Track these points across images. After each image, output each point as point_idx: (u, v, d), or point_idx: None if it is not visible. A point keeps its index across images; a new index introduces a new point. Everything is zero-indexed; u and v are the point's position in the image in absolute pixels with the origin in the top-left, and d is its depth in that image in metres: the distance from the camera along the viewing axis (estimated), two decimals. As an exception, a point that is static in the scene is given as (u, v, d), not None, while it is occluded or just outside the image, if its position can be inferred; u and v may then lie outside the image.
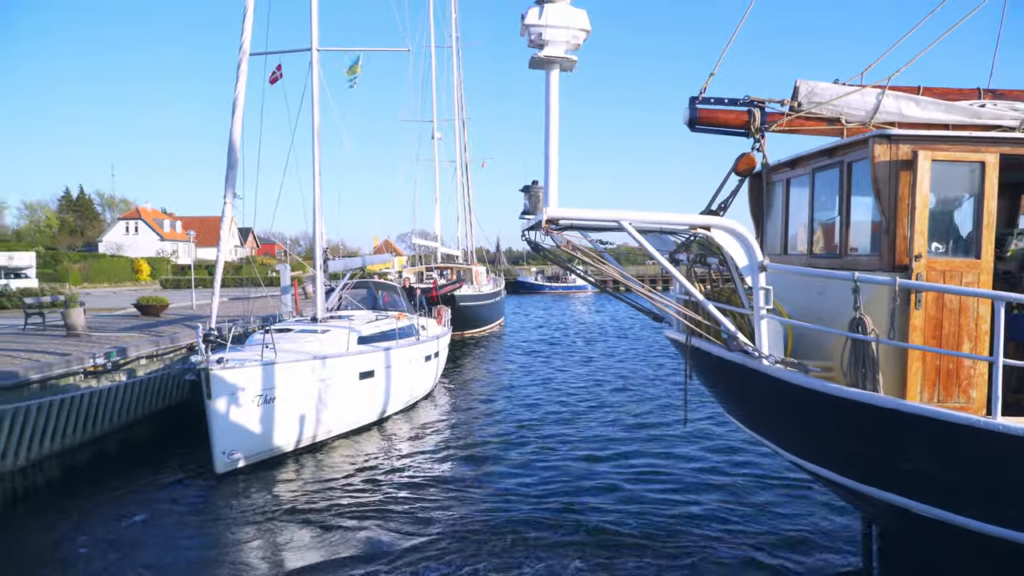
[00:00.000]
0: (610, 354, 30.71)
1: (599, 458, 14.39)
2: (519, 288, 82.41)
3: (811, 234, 8.05)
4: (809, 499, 11.71)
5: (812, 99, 7.75)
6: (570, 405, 19.69)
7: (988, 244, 6.40)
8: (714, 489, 12.40)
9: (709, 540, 10.24)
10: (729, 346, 7.01)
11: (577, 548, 10.01)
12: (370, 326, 18.07)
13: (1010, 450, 5.51)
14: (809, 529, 10.53)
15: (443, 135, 47.39)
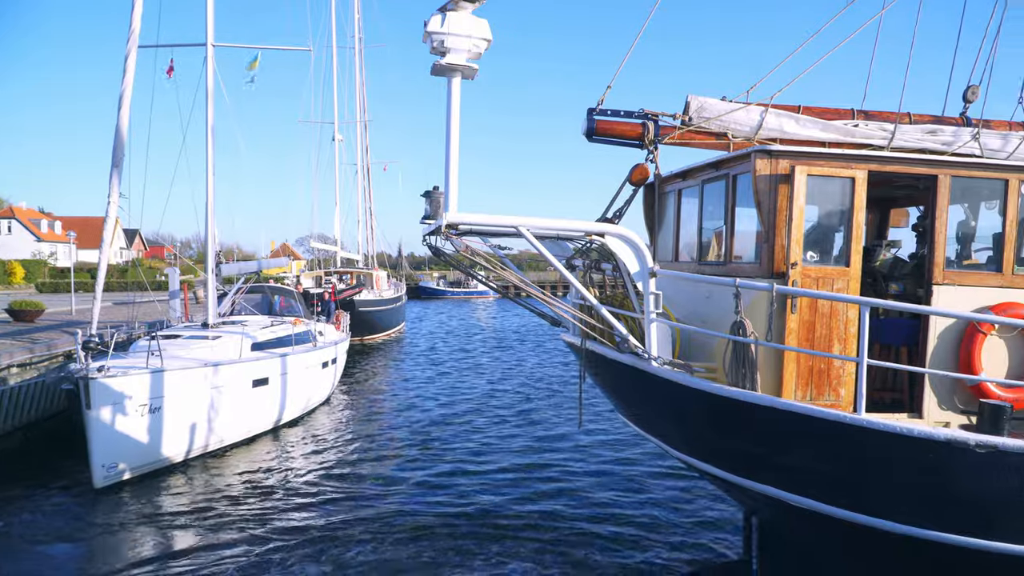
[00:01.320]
0: (510, 358, 31.01)
1: (496, 459, 14.56)
2: (421, 293, 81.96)
3: (700, 242, 8.46)
4: (695, 495, 12.23)
5: (702, 114, 8.14)
6: (469, 410, 19.81)
7: (856, 254, 6.92)
8: (604, 486, 12.77)
9: (597, 534, 10.55)
10: (620, 348, 7.29)
11: (474, 545, 10.13)
12: (265, 332, 17.67)
13: (873, 444, 5.98)
14: (694, 523, 11.00)
15: (344, 138, 46.75)
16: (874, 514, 6.28)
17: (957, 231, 7.82)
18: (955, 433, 5.95)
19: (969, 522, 6.08)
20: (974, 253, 7.71)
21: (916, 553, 6.38)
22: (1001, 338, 6.91)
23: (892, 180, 7.44)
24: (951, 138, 7.74)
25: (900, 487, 6.20)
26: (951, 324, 6.90)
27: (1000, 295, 7.02)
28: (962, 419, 6.84)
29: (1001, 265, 7.12)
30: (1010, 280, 7.07)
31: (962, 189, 7.28)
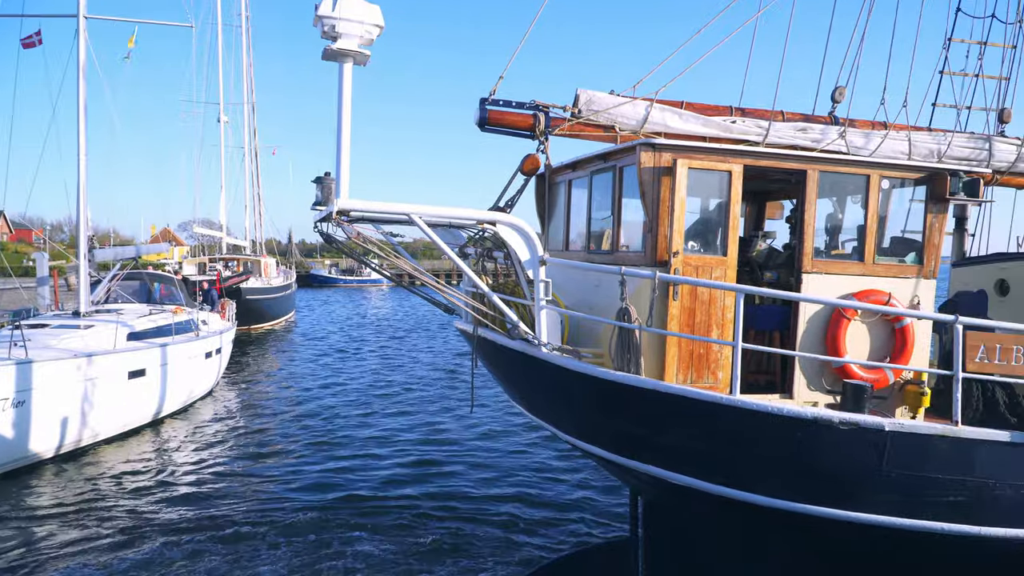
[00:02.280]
0: (402, 347, 30.83)
1: (385, 448, 14.51)
2: (312, 281, 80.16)
3: (589, 231, 8.68)
4: (583, 476, 12.58)
5: (591, 107, 8.32)
6: (359, 399, 19.61)
7: (733, 244, 7.28)
8: (493, 470, 12.98)
9: (487, 517, 10.72)
10: (511, 335, 7.41)
11: (364, 535, 10.08)
12: (143, 321, 16.91)
13: (747, 423, 6.34)
14: (583, 503, 11.33)
15: (230, 119, 45.04)
16: (749, 489, 6.66)
17: (826, 223, 8.34)
18: (821, 412, 6.39)
19: (834, 494, 6.55)
20: (841, 244, 8.24)
21: (788, 525, 6.82)
22: (863, 323, 7.42)
23: (767, 174, 7.85)
24: (819, 136, 8.22)
25: (772, 463, 6.60)
26: (819, 310, 7.36)
27: (863, 283, 7.54)
28: (828, 399, 7.32)
29: (863, 255, 7.64)
30: (871, 269, 7.61)
31: (829, 184, 7.76)
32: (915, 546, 6.65)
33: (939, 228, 7.74)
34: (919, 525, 6.49)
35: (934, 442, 6.35)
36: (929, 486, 6.43)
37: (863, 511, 6.51)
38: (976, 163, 8.55)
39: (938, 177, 7.60)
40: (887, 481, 6.40)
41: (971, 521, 6.47)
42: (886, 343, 7.46)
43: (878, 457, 6.31)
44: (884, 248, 7.88)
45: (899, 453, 6.31)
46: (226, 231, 44.89)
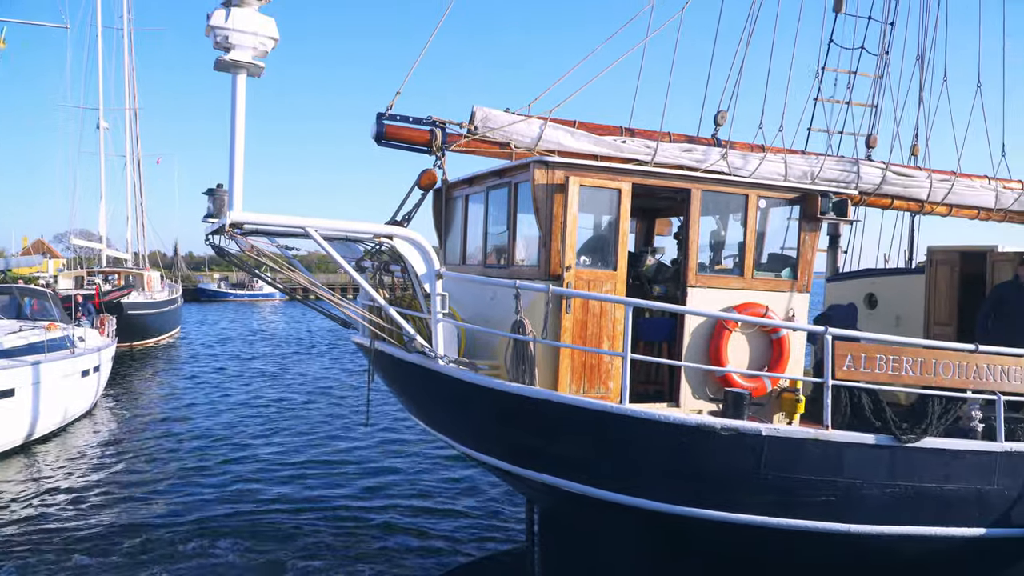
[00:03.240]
0: (296, 362, 30.16)
1: (279, 465, 14.18)
2: (200, 295, 77.13)
3: (485, 245, 8.83)
4: (480, 487, 12.68)
5: (486, 124, 8.47)
6: (250, 417, 19.05)
7: (622, 259, 7.57)
8: (391, 483, 12.92)
9: (385, 529, 10.67)
10: (408, 348, 7.45)
11: (256, 555, 9.84)
12: (12, 338, 15.94)
13: (636, 431, 6.60)
14: (479, 514, 11.42)
15: (111, 125, 43.05)
16: (639, 495, 6.92)
17: (710, 239, 8.77)
18: (704, 419, 6.72)
19: (717, 497, 6.88)
20: (724, 259, 8.69)
21: (676, 529, 7.11)
22: (743, 334, 7.85)
23: (655, 192, 8.20)
24: (703, 156, 8.66)
25: (660, 469, 6.88)
26: (702, 322, 7.73)
27: (743, 296, 7.97)
28: (712, 406, 7.68)
29: (743, 270, 8.09)
30: (750, 283, 8.06)
31: (712, 202, 8.18)
32: (791, 545, 7.06)
33: (812, 245, 8.28)
34: (794, 524, 6.90)
35: (807, 446, 6.78)
36: (803, 487, 6.85)
37: (743, 512, 6.87)
38: (845, 185, 9.19)
39: (810, 197, 8.14)
40: (764, 483, 6.78)
41: (841, 519, 6.92)
42: (764, 353, 7.90)
43: (756, 461, 6.69)
44: (762, 264, 8.36)
45: (775, 457, 6.71)
46: (106, 243, 42.82)
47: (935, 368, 7.21)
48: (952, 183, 9.81)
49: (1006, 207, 10.08)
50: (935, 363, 7.23)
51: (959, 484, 7.11)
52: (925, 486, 7.02)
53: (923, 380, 7.23)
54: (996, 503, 7.19)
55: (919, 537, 7.09)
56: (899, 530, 7.03)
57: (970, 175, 10.25)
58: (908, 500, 7.00)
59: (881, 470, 6.93)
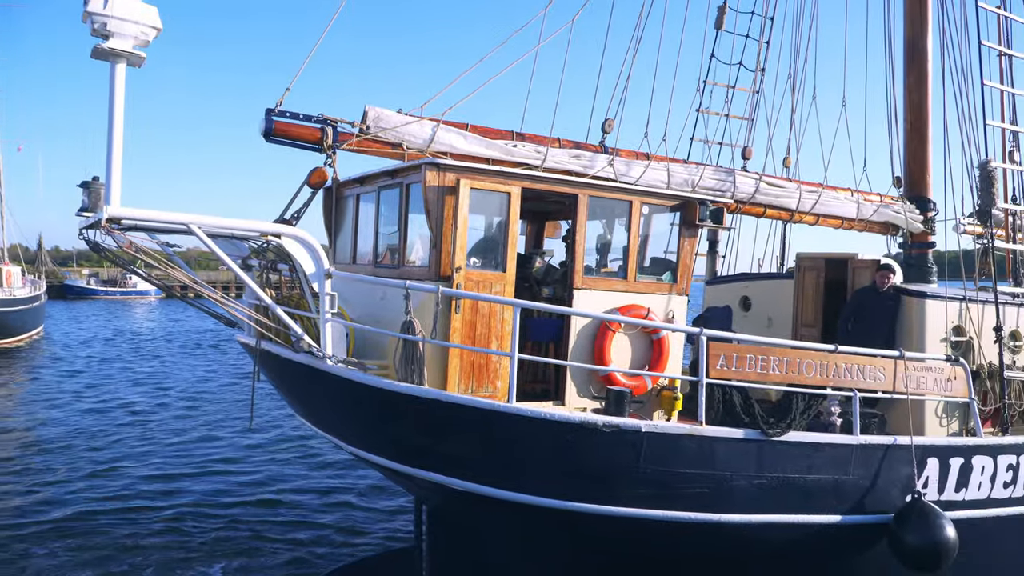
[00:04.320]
0: (173, 362, 28.98)
1: (158, 467, 13.66)
2: (67, 293, 72.70)
3: (376, 245, 8.82)
4: (368, 487, 12.62)
5: (379, 124, 8.44)
6: (120, 420, 18.19)
7: (511, 260, 7.75)
8: (276, 484, 12.73)
9: (269, 530, 10.48)
10: (296, 348, 7.37)
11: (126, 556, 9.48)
12: None
13: (522, 429, 6.78)
14: (367, 514, 11.39)
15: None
16: (527, 491, 7.10)
17: (597, 243, 9.07)
18: (587, 416, 6.97)
19: (599, 491, 7.15)
20: (610, 262, 9.00)
21: (562, 523, 7.34)
22: (626, 335, 8.16)
23: (545, 196, 8.42)
24: (590, 162, 8.92)
25: (547, 465, 7.08)
26: (588, 323, 7.99)
27: (626, 298, 8.29)
28: (596, 404, 7.95)
29: (627, 273, 8.41)
30: (633, 286, 8.39)
31: (599, 207, 8.47)
32: (668, 536, 7.41)
33: (691, 250, 8.70)
34: (671, 516, 7.25)
35: (683, 441, 7.14)
36: (679, 480, 7.21)
37: (624, 505, 7.16)
38: (722, 193, 9.67)
39: (690, 205, 8.55)
40: (643, 477, 7.10)
41: (714, 510, 7.32)
42: (645, 353, 8.25)
43: (636, 456, 6.99)
44: (645, 267, 8.72)
45: (653, 452, 7.03)
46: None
47: (799, 367, 7.73)
48: (819, 195, 10.49)
49: (866, 218, 10.85)
50: (799, 362, 7.76)
51: (819, 475, 7.65)
52: (789, 477, 7.52)
53: (788, 378, 7.74)
54: (851, 492, 7.77)
55: (784, 525, 7.58)
56: (766, 519, 7.49)
57: (835, 187, 10.98)
58: (774, 490, 7.48)
59: (750, 463, 7.37)
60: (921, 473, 7.97)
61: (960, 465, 8.26)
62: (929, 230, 11.13)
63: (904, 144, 11.29)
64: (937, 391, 8.51)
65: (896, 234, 11.28)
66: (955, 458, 8.24)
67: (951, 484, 8.22)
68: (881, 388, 8.12)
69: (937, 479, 8.14)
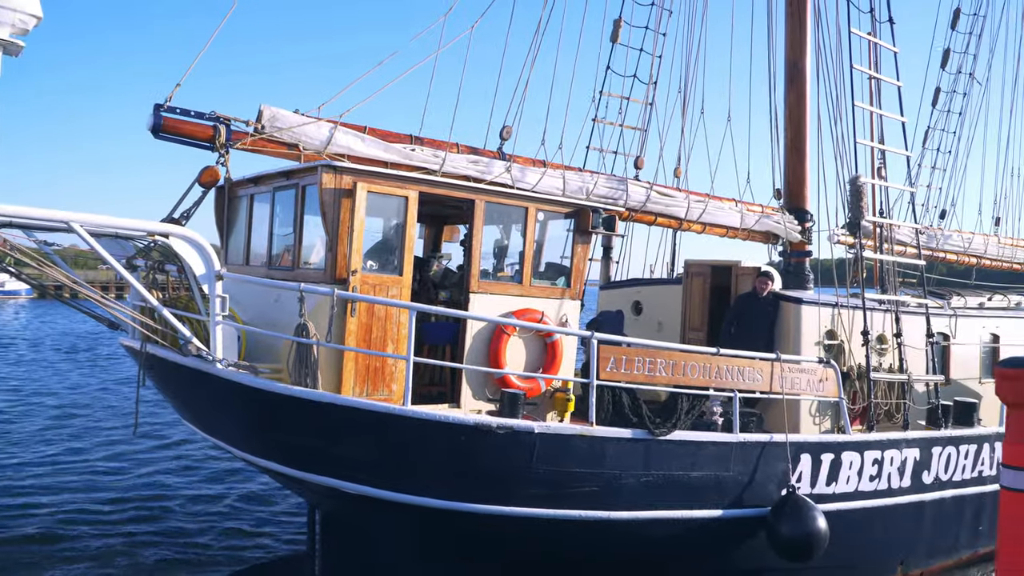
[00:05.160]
0: (47, 368, 27.42)
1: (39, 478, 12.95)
2: (-88, 293, 67.39)
3: (270, 247, 8.68)
4: (260, 494, 12.36)
5: (274, 124, 8.31)
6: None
7: (408, 264, 7.79)
8: (165, 491, 12.30)
9: (158, 539, 10.14)
10: (184, 351, 7.19)
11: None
12: None
13: (417, 431, 6.84)
14: (259, 521, 11.15)
15: None
16: (422, 494, 7.16)
17: (493, 248, 9.21)
18: (481, 418, 7.10)
19: (494, 492, 7.28)
20: (506, 267, 9.16)
21: (458, 525, 7.43)
22: (520, 338, 8.33)
23: (443, 200, 8.50)
24: (487, 168, 9.07)
25: (442, 467, 7.16)
26: (483, 326, 8.11)
27: (521, 302, 8.45)
28: (491, 407, 8.08)
29: (522, 278, 8.58)
30: (528, 290, 8.57)
31: (496, 212, 8.61)
32: (561, 534, 7.61)
33: (584, 256, 8.96)
34: (563, 514, 7.46)
35: (574, 441, 7.37)
36: (570, 479, 7.43)
37: (518, 505, 7.32)
38: (615, 201, 10.00)
39: (583, 212, 8.81)
40: (536, 477, 7.28)
41: (603, 507, 7.58)
42: (539, 356, 8.44)
43: (529, 456, 7.16)
44: (540, 272, 8.92)
45: (546, 452, 7.22)
46: None
47: (684, 369, 8.10)
48: (706, 204, 10.98)
49: (749, 227, 11.42)
50: (684, 364, 8.12)
51: (702, 471, 8.03)
52: (674, 474, 7.86)
53: (674, 380, 8.10)
54: (732, 487, 8.19)
55: (669, 520, 7.92)
56: (653, 515, 7.81)
57: (721, 198, 11.52)
58: (660, 487, 7.81)
59: (638, 461, 7.66)
60: (795, 468, 8.46)
61: (831, 460, 8.82)
62: (806, 240, 11.83)
63: (784, 159, 11.96)
64: (810, 391, 9.06)
65: (776, 243, 11.92)
66: (826, 454, 8.79)
67: (822, 478, 8.77)
68: (759, 389, 8.59)
69: (810, 474, 8.66)
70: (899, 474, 9.40)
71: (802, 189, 11.82)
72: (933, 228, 15.25)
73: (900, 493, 9.46)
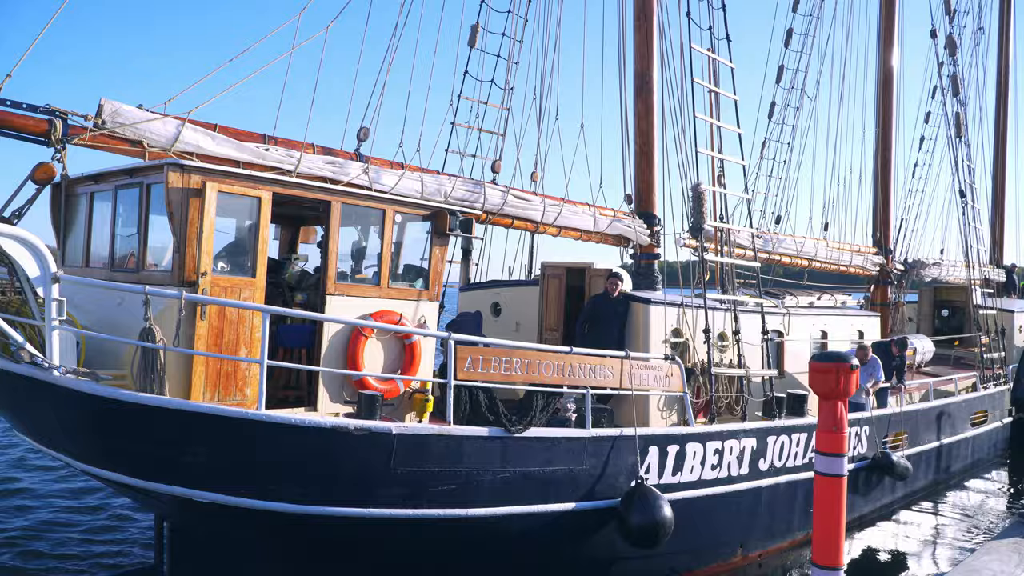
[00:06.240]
0: None
1: None
2: None
3: (113, 248, 8.27)
4: (103, 506, 11.72)
5: (116, 119, 7.91)
6: None
7: (262, 266, 7.64)
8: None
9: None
10: (17, 359, 6.74)
11: None
12: None
13: (272, 436, 6.74)
14: (103, 535, 10.58)
15: None
16: (278, 499, 7.04)
17: (352, 250, 9.17)
18: (339, 420, 7.08)
19: (353, 494, 7.27)
20: (365, 269, 9.14)
21: (316, 529, 7.36)
22: (379, 340, 8.34)
23: (300, 201, 8.39)
24: (344, 170, 9.01)
25: (298, 471, 7.08)
26: (341, 328, 8.06)
27: (379, 304, 8.46)
28: (348, 409, 8.05)
29: (380, 279, 8.60)
30: (386, 292, 8.59)
31: (353, 214, 8.59)
32: (420, 533, 7.70)
33: (442, 258, 9.08)
34: (422, 514, 7.55)
35: (432, 441, 7.48)
36: (429, 479, 7.53)
37: (377, 507, 7.35)
38: (471, 204, 10.18)
39: (440, 215, 8.93)
40: (395, 478, 7.34)
41: (462, 505, 7.73)
42: (398, 357, 8.48)
43: (387, 457, 7.21)
44: (398, 274, 8.97)
45: (404, 453, 7.29)
46: None
47: (539, 368, 8.39)
48: (561, 208, 11.36)
49: (601, 230, 11.90)
50: (539, 363, 8.41)
51: (557, 466, 8.33)
52: (530, 470, 8.12)
53: (529, 378, 8.37)
54: (585, 480, 8.55)
55: (526, 515, 8.18)
56: (510, 510, 8.04)
57: (575, 202, 11.94)
58: (517, 483, 8.05)
59: (495, 459, 7.87)
60: (644, 460, 8.94)
61: (676, 452, 9.37)
62: (655, 243, 12.46)
63: (634, 165, 12.54)
64: (658, 387, 9.59)
65: (627, 246, 12.48)
66: (672, 445, 9.33)
67: (669, 469, 9.30)
68: (610, 385, 9.02)
69: (657, 465, 9.17)
70: (738, 462, 10.09)
71: (650, 195, 12.43)
72: (769, 233, 16.39)
73: (739, 480, 10.16)
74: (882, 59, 18.67)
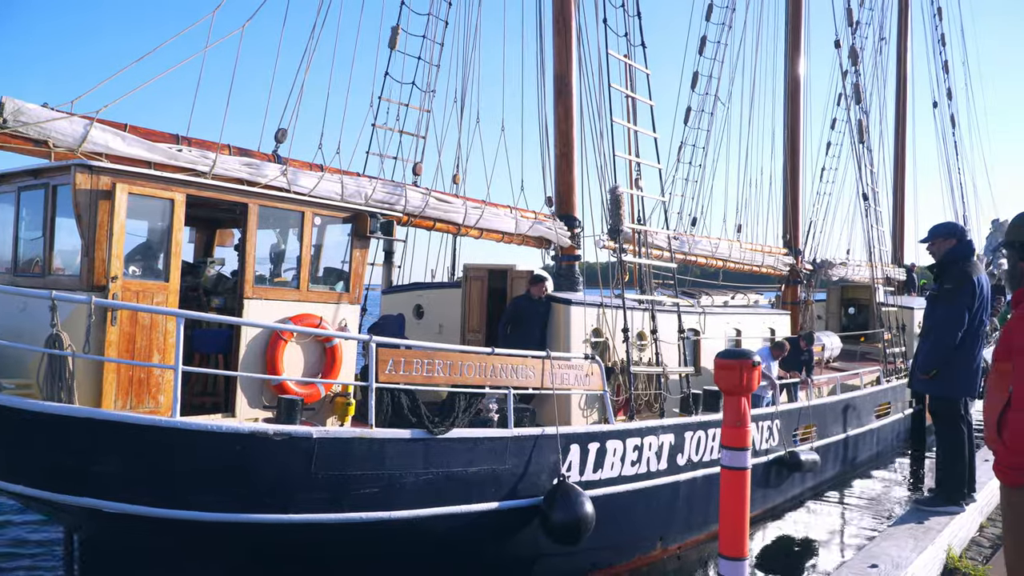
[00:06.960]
0: None
1: None
2: None
3: (16, 251, 7.96)
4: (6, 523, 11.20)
5: (19, 119, 7.62)
6: None
7: (176, 269, 7.47)
8: None
9: None
10: (-91, 369, 6.43)
11: None
12: None
13: (187, 443, 6.60)
14: (7, 553, 10.10)
15: None
16: (196, 508, 6.89)
17: (270, 252, 9.04)
18: (257, 426, 6.99)
19: (273, 500, 7.17)
20: (284, 272, 9.02)
21: (235, 537, 7.22)
22: (298, 344, 8.25)
23: (215, 204, 8.22)
24: (262, 171, 8.87)
25: (216, 479, 6.94)
26: (259, 333, 7.95)
27: (299, 308, 8.38)
28: (268, 414, 7.94)
29: (300, 283, 8.51)
30: (306, 295, 8.51)
31: (271, 217, 8.48)
32: (343, 537, 7.65)
33: (362, 260, 9.04)
34: (344, 518, 7.50)
35: (354, 444, 7.44)
36: (351, 482, 7.49)
37: (298, 512, 7.27)
38: (392, 206, 10.16)
39: (361, 217, 8.89)
40: (316, 482, 7.27)
41: (385, 508, 7.71)
42: (318, 361, 8.41)
43: (308, 462, 7.14)
44: (318, 277, 8.89)
45: (325, 457, 7.24)
46: None
47: (461, 369, 8.44)
48: (482, 210, 11.43)
49: (523, 232, 12.03)
50: (461, 364, 8.46)
51: (480, 466, 8.40)
52: (453, 471, 8.17)
53: (452, 380, 8.41)
54: (508, 480, 8.64)
55: (450, 515, 8.21)
56: (433, 511, 8.06)
57: (497, 204, 12.04)
58: (440, 484, 8.07)
59: (418, 460, 7.88)
60: (565, 458, 9.09)
61: (597, 449, 9.56)
62: (575, 245, 12.66)
63: (555, 168, 12.72)
64: (578, 385, 9.76)
65: (549, 247, 12.66)
66: (592, 443, 9.52)
67: (590, 466, 9.48)
68: (532, 385, 9.14)
69: (578, 462, 9.33)
70: (657, 458, 10.35)
71: (571, 197, 12.62)
72: (685, 234, 16.84)
73: (658, 475, 10.42)
74: (790, 68, 19.40)
